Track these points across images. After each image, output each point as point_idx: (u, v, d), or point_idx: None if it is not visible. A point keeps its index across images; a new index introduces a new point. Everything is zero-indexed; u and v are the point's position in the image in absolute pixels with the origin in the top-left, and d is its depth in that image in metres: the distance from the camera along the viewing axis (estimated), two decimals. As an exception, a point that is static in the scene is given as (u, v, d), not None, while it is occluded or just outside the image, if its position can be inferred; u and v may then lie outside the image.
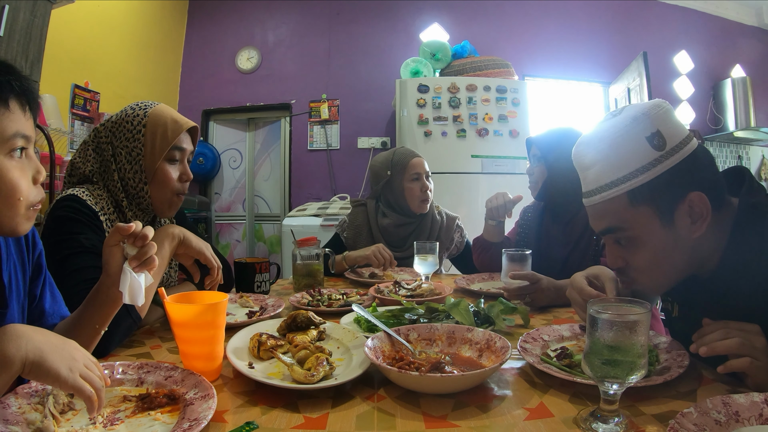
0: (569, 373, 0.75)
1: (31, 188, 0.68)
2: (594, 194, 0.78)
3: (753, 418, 0.59)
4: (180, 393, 0.68)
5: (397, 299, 1.22)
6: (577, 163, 0.82)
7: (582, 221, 1.50)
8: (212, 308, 0.77)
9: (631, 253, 0.78)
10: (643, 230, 0.75)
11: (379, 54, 4.34)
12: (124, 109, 1.16)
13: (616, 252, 0.80)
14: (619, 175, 0.74)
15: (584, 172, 0.80)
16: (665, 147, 0.73)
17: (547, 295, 1.27)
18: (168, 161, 1.14)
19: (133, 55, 3.79)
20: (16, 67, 0.68)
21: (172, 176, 1.14)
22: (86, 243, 1.00)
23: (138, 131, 1.12)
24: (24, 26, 2.07)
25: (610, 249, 0.82)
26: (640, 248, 0.77)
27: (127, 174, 1.12)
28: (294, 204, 4.23)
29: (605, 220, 0.77)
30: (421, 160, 1.91)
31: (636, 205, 0.74)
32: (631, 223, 0.75)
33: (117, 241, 0.74)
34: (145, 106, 1.15)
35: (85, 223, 1.04)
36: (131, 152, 1.12)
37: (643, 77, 3.63)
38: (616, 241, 0.79)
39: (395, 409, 0.67)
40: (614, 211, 0.76)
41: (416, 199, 1.87)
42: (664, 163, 0.73)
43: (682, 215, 0.75)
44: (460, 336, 0.88)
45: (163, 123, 1.13)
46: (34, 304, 0.81)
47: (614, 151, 0.75)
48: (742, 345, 0.68)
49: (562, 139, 1.57)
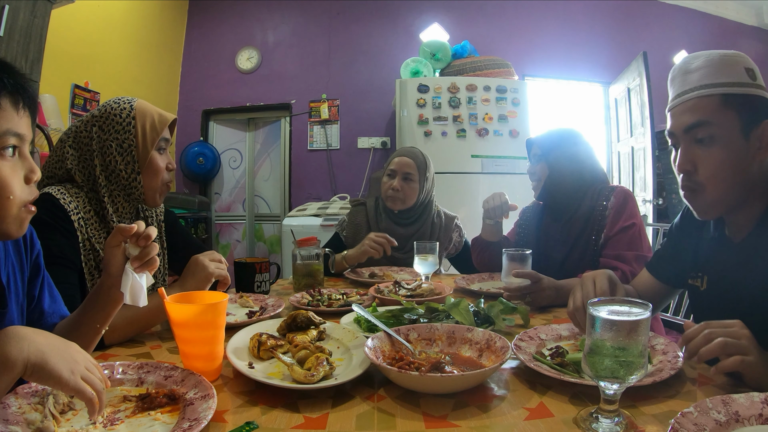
0: (558, 371, 0.75)
1: (23, 187, 0.67)
2: (692, 91, 0.87)
3: (753, 418, 0.59)
4: (180, 393, 0.68)
5: (397, 299, 1.22)
6: (682, 68, 0.91)
7: (581, 221, 1.50)
8: (212, 308, 0.77)
9: (705, 154, 0.86)
10: (724, 130, 0.85)
11: (379, 54, 4.35)
12: (105, 106, 1.17)
13: (689, 154, 0.88)
14: (720, 80, 0.85)
15: (687, 75, 0.89)
16: (756, 80, 0.86)
17: (548, 295, 1.27)
18: (157, 150, 1.17)
19: (133, 55, 3.79)
20: (10, 64, 0.68)
21: (161, 165, 1.18)
22: (55, 251, 1.00)
23: (128, 123, 1.14)
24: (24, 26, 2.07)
25: (684, 151, 0.89)
26: (716, 148, 0.85)
27: (119, 165, 1.13)
28: (294, 204, 4.23)
29: (696, 114, 0.86)
30: (404, 159, 1.87)
31: (725, 108, 0.85)
32: (717, 120, 0.85)
33: (119, 242, 0.74)
34: (128, 101, 1.17)
35: (54, 225, 1.03)
36: (122, 144, 1.13)
37: (643, 77, 3.63)
38: (697, 140, 0.87)
39: (395, 409, 0.67)
40: (705, 107, 0.86)
41: (385, 194, 1.88)
42: (754, 90, 0.85)
43: (755, 136, 0.85)
44: (460, 336, 0.88)
45: (150, 114, 1.17)
46: (33, 305, 0.81)
47: (720, 64, 0.87)
48: (726, 345, 0.69)
49: (563, 138, 1.58)
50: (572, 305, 0.93)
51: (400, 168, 1.86)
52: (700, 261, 1.02)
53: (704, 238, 1.01)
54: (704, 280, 1.00)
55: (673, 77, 0.93)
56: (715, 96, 0.85)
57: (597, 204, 1.48)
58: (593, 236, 1.47)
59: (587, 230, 1.49)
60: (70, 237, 1.05)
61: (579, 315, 0.90)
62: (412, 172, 1.86)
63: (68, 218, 1.06)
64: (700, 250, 1.03)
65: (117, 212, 1.16)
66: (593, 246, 1.46)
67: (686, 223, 1.09)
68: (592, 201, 1.50)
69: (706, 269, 0.99)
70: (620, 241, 1.41)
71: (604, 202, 1.47)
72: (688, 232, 1.07)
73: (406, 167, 1.86)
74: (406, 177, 1.86)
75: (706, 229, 1.01)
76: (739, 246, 0.91)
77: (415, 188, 1.87)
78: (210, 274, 1.04)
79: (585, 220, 1.50)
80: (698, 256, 1.03)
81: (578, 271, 1.37)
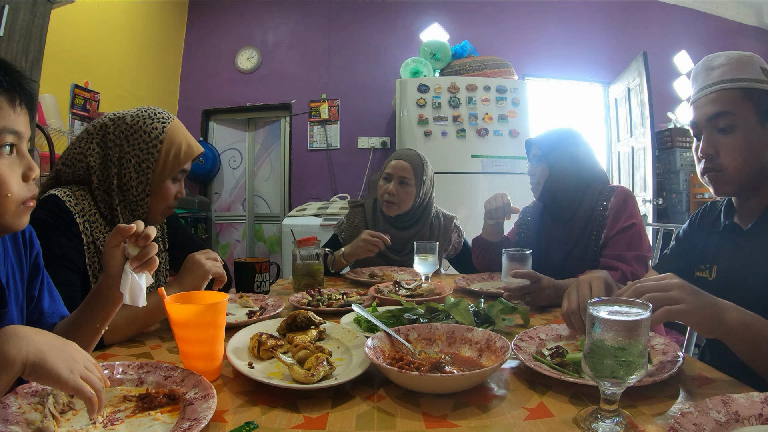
0: (558, 371, 0.75)
1: (21, 185, 0.67)
2: (716, 84, 0.97)
3: (753, 418, 0.59)
4: (180, 393, 0.68)
5: (397, 299, 1.22)
6: (705, 65, 1.00)
7: (581, 221, 1.50)
8: (212, 308, 0.77)
9: (726, 141, 0.96)
10: (743, 120, 0.94)
11: (379, 54, 4.35)
12: (140, 115, 1.15)
13: (712, 141, 0.97)
14: (740, 76, 0.95)
15: (709, 71, 0.99)
16: None
17: (547, 295, 1.27)
18: (172, 180, 1.17)
19: (133, 55, 3.79)
20: (5, 61, 0.67)
21: (172, 193, 1.18)
22: (57, 252, 1.00)
23: (154, 146, 1.13)
24: (24, 26, 2.07)
25: (707, 138, 0.98)
26: (736, 135, 0.94)
27: (131, 182, 1.12)
28: (294, 204, 4.23)
29: (717, 105, 0.95)
30: (400, 162, 1.83)
31: (744, 100, 0.94)
32: (737, 111, 0.94)
33: (118, 242, 0.74)
34: (163, 120, 1.15)
35: (57, 227, 1.03)
36: (141, 163, 1.12)
37: (643, 77, 3.63)
38: (719, 129, 0.96)
39: (395, 409, 0.67)
40: (727, 98, 0.95)
41: (380, 198, 1.87)
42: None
43: None
44: (460, 336, 0.88)
45: (178, 143, 1.15)
46: (33, 305, 0.81)
47: (739, 62, 0.96)
48: (651, 299, 0.71)
49: (563, 138, 1.58)
50: (566, 307, 0.94)
51: (396, 172, 1.83)
52: (709, 253, 1.07)
53: (715, 231, 1.08)
54: (713, 270, 1.05)
55: (696, 74, 1.02)
56: (736, 89, 0.94)
57: (597, 204, 1.48)
58: (593, 236, 1.47)
59: (587, 230, 1.49)
60: (74, 239, 1.05)
61: (574, 317, 0.91)
62: (407, 176, 1.82)
63: (73, 220, 1.06)
64: (710, 243, 1.08)
65: (124, 217, 1.16)
66: (593, 246, 1.46)
67: (699, 222, 1.15)
68: (592, 201, 1.50)
69: (716, 259, 1.05)
70: (620, 241, 1.41)
71: (605, 203, 1.47)
72: (701, 230, 1.13)
73: (402, 171, 1.83)
74: (402, 181, 1.83)
75: (717, 223, 1.07)
76: (747, 232, 0.99)
77: (411, 192, 1.84)
78: (207, 272, 1.05)
79: (585, 221, 1.50)
80: (708, 249, 1.08)
81: (578, 271, 1.37)
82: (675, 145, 4.10)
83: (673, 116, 4.28)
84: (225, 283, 1.12)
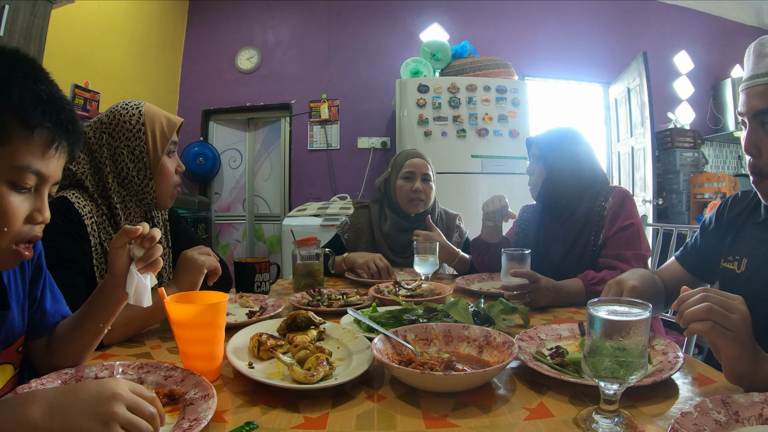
0: (558, 371, 0.75)
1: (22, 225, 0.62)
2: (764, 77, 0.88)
3: (753, 418, 0.59)
4: (180, 393, 0.68)
5: (397, 299, 1.21)
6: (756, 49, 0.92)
7: (580, 221, 1.50)
8: (212, 308, 0.77)
9: None
10: None
11: (379, 54, 4.35)
12: (113, 111, 1.17)
13: (754, 137, 0.90)
14: None
15: (761, 58, 0.91)
16: None
17: (547, 295, 1.27)
18: (167, 155, 1.19)
19: (133, 55, 3.79)
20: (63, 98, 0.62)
21: (172, 168, 1.20)
22: (64, 254, 1.01)
23: (138, 129, 1.15)
24: (24, 26, 2.07)
25: (750, 133, 0.91)
26: None
27: (130, 173, 1.14)
28: (294, 204, 4.23)
29: (765, 101, 0.88)
30: (419, 160, 1.88)
31: None
32: None
33: (124, 243, 0.74)
34: (135, 105, 1.17)
35: (67, 229, 1.04)
36: (134, 150, 1.14)
37: (643, 77, 3.63)
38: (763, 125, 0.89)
39: (395, 409, 0.67)
40: None
41: (405, 198, 1.86)
42: None
43: None
44: (456, 334, 0.89)
45: (159, 119, 1.18)
46: (35, 306, 0.81)
47: None
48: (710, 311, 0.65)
49: (562, 138, 1.58)
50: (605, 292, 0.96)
51: (419, 169, 1.86)
52: (740, 244, 1.03)
53: (751, 222, 1.03)
54: (743, 262, 1.00)
55: (747, 55, 0.95)
56: None
57: (595, 204, 1.48)
58: (592, 236, 1.47)
59: (586, 230, 1.49)
60: (82, 241, 1.06)
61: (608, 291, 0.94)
62: (429, 173, 1.88)
63: (82, 222, 1.07)
64: (743, 234, 1.03)
65: (128, 217, 1.17)
66: (592, 246, 1.46)
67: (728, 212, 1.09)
68: (591, 201, 1.50)
69: (748, 252, 1.00)
70: (619, 240, 1.41)
71: (603, 203, 1.47)
72: (730, 220, 1.08)
73: (424, 168, 1.87)
74: (425, 178, 1.87)
75: (755, 215, 1.03)
76: None
77: (433, 188, 1.89)
78: (201, 266, 1.06)
79: (584, 221, 1.50)
80: (738, 240, 1.04)
81: (577, 271, 1.37)
82: (675, 145, 4.11)
83: (673, 116, 4.29)
84: (220, 276, 1.12)
